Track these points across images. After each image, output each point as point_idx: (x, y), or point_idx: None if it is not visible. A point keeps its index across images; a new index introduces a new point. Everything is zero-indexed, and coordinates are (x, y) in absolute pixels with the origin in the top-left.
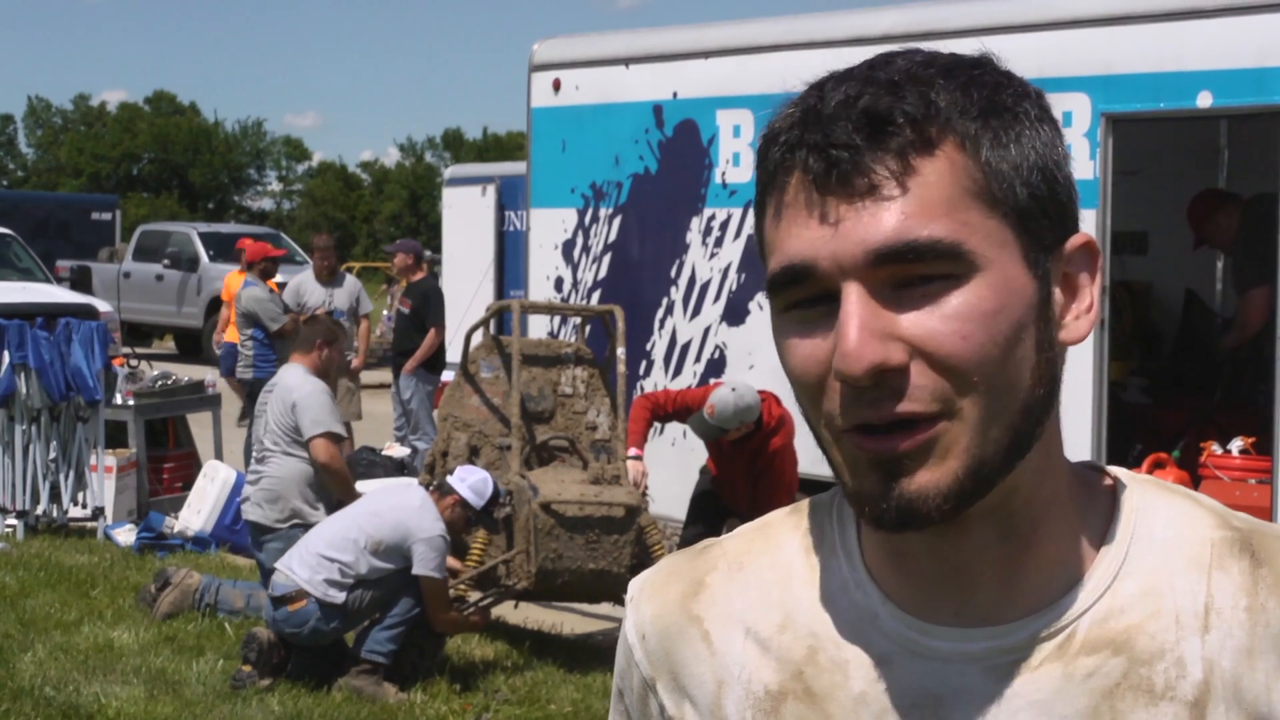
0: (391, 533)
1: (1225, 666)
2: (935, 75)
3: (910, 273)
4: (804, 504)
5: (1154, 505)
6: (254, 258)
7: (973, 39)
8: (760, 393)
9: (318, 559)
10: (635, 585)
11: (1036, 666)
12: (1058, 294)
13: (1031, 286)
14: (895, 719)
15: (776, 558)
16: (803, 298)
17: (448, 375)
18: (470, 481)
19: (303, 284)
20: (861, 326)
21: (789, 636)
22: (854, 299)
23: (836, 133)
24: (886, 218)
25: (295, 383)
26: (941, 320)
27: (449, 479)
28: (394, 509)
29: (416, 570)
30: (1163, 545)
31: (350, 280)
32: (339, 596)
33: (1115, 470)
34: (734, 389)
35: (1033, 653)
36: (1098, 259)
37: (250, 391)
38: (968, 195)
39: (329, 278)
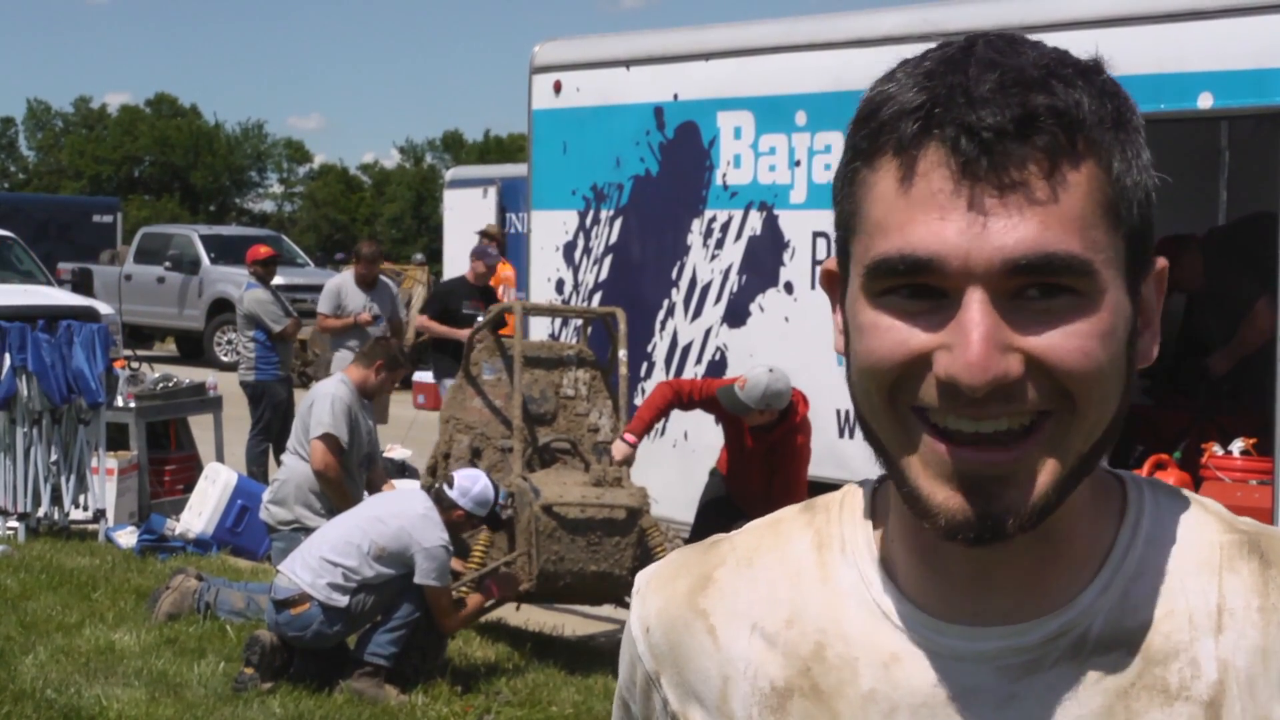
0: (393, 540)
1: (1240, 666)
2: (1074, 75)
3: (1035, 283)
4: (816, 501)
5: (1162, 508)
6: (250, 259)
7: None
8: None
9: (320, 562)
10: (643, 578)
11: (1050, 666)
12: (1138, 320)
13: (1130, 309)
14: (905, 718)
15: (786, 554)
16: (908, 286)
17: (421, 375)
18: (473, 494)
19: (343, 287)
20: (986, 336)
21: (796, 632)
22: (979, 307)
23: (990, 116)
24: (1030, 224)
25: (327, 388)
26: (1066, 337)
27: (450, 492)
28: (397, 516)
29: (419, 580)
30: (1174, 546)
31: (388, 285)
32: (342, 600)
33: (1125, 474)
34: (771, 370)
35: (1046, 653)
36: (1164, 284)
37: (252, 394)
38: (1099, 210)
39: (371, 285)
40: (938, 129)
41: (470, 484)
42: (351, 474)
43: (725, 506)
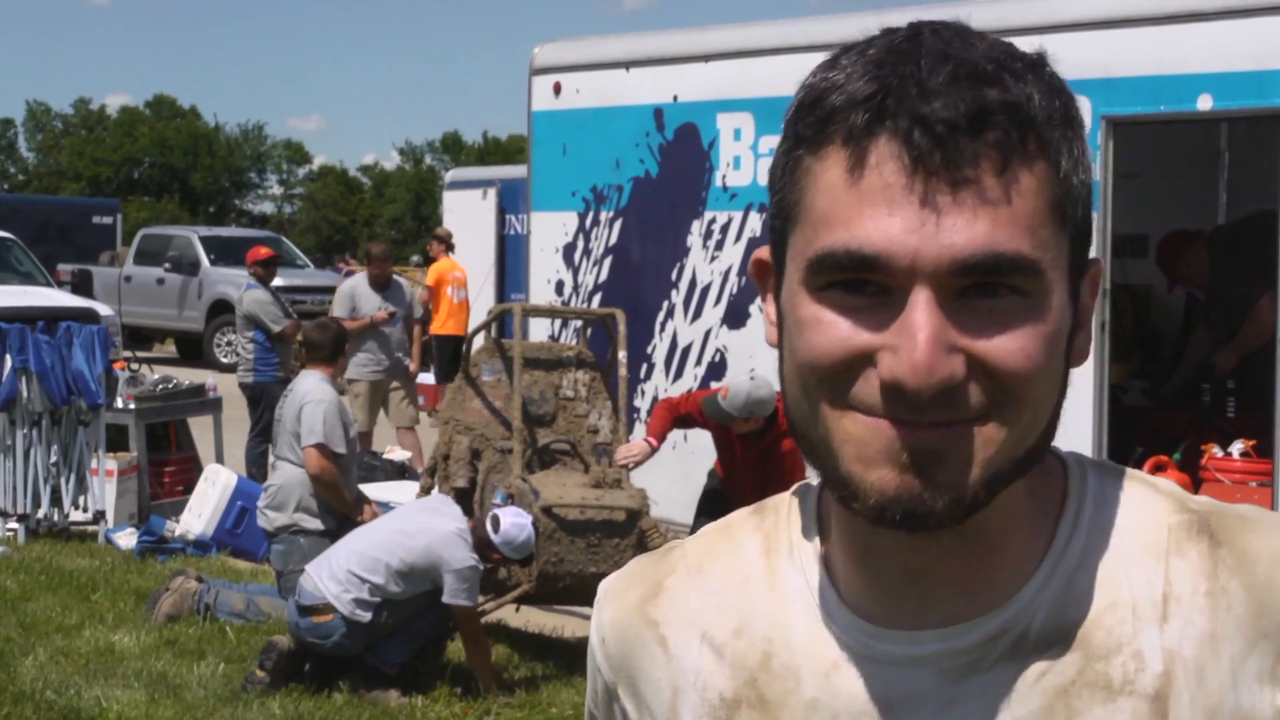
0: (422, 558)
1: (1187, 655)
2: (1024, 70)
3: (982, 283)
4: (766, 503)
5: (1108, 492)
6: (250, 260)
7: None
8: (779, 393)
9: (348, 576)
10: (602, 588)
11: (989, 668)
12: (1076, 321)
13: (1069, 310)
14: None
15: (736, 560)
16: (852, 281)
17: (425, 378)
18: (516, 544)
19: (356, 289)
20: (933, 339)
21: (744, 642)
22: (926, 308)
23: (944, 110)
24: (980, 222)
25: (307, 390)
26: (1011, 339)
27: (495, 538)
28: (425, 532)
29: (448, 599)
30: (1118, 533)
31: (402, 285)
32: (365, 616)
33: (1069, 457)
34: (752, 378)
35: (985, 654)
36: (1099, 285)
37: (251, 396)
38: (1048, 209)
39: (385, 286)
40: (890, 120)
41: (517, 534)
42: (348, 471)
43: (723, 498)
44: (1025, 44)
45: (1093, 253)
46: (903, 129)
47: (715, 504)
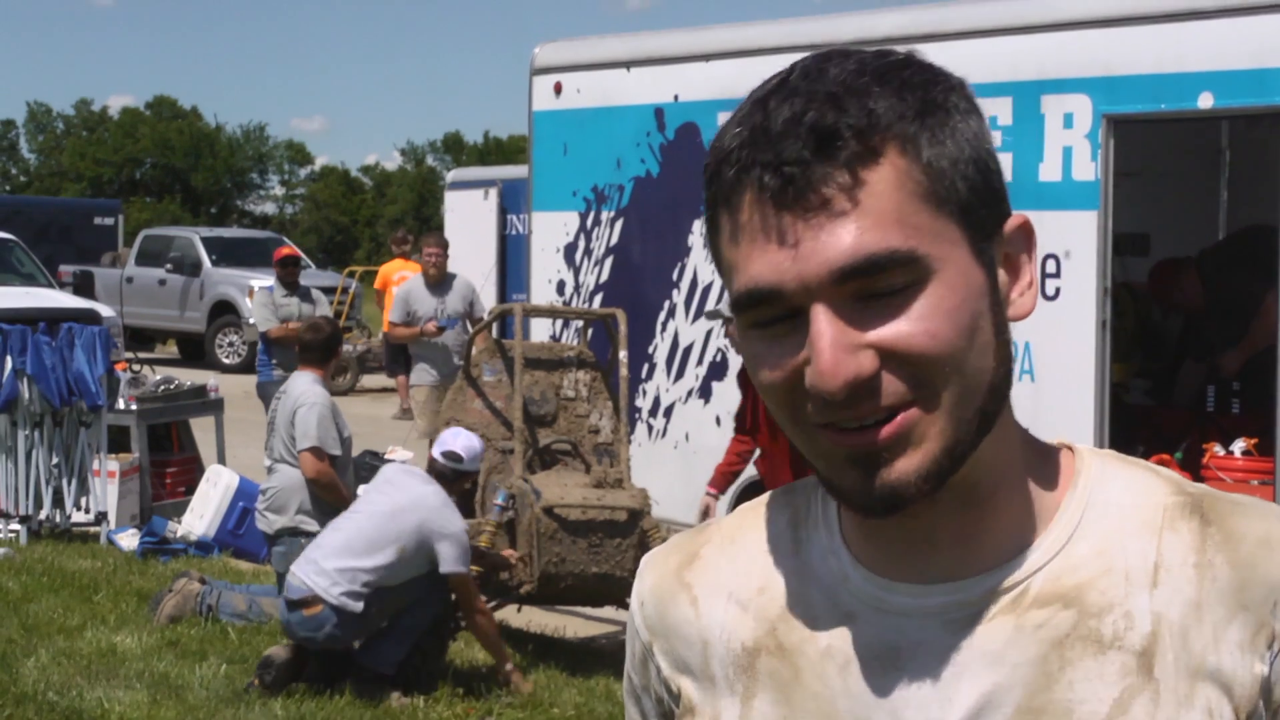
0: (415, 535)
1: (1173, 619)
2: (870, 83)
3: (872, 285)
4: (796, 484)
5: (1111, 475)
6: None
7: (975, 41)
8: None
9: (336, 568)
10: (645, 559)
11: (990, 619)
12: (1002, 276)
13: (981, 275)
14: (858, 669)
15: (766, 531)
16: (769, 317)
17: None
18: (474, 452)
19: (411, 292)
20: (833, 344)
21: (766, 598)
22: (822, 319)
23: (787, 150)
24: (843, 234)
25: (300, 393)
26: (909, 324)
27: (462, 466)
28: (414, 509)
29: (446, 569)
30: (1118, 510)
31: (462, 282)
32: (357, 606)
33: (1080, 446)
34: None
35: (987, 607)
36: (1033, 237)
37: (259, 395)
38: (915, 199)
39: (439, 281)
40: (746, 172)
41: (468, 442)
42: (344, 471)
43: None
44: (1027, 43)
45: (1092, 250)
46: (757, 177)
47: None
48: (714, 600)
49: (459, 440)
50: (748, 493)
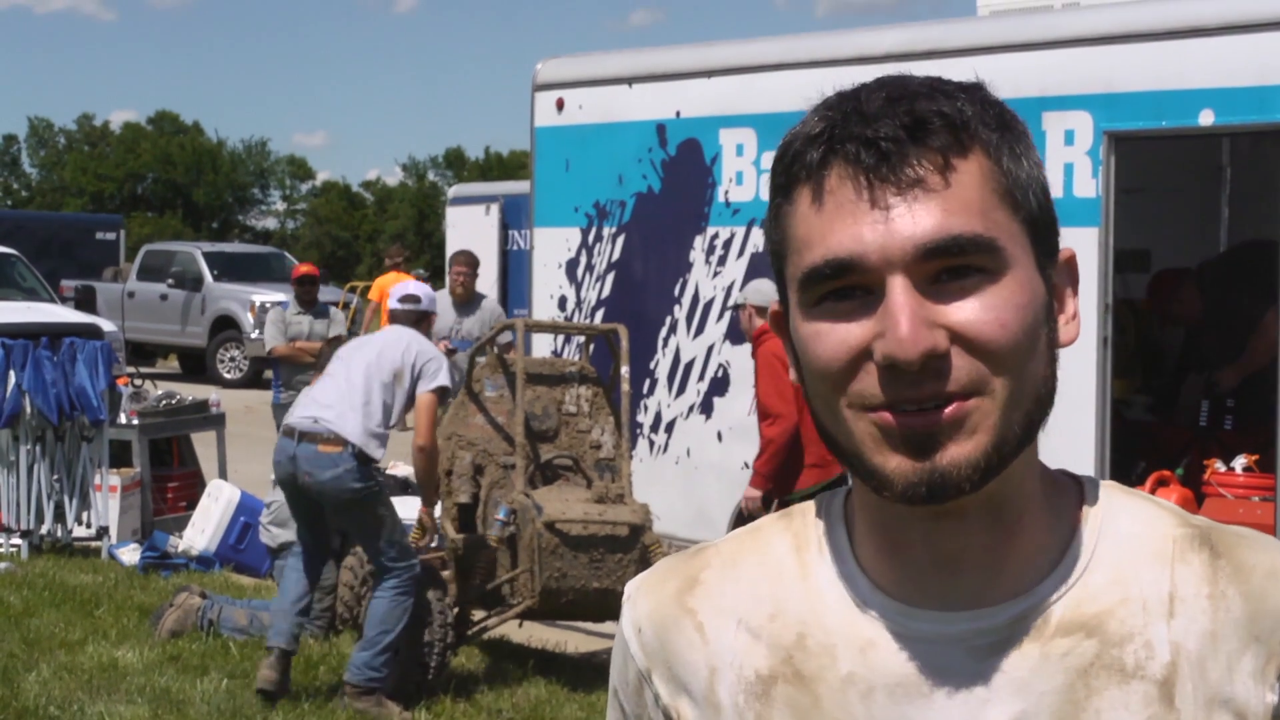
0: (409, 365)
1: (1191, 649)
2: (955, 89)
3: (949, 265)
4: (793, 509)
5: (1118, 505)
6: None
7: (976, 58)
8: None
9: (356, 409)
10: (633, 585)
11: (1015, 647)
12: (1053, 301)
13: (1042, 288)
14: (881, 697)
15: (766, 556)
16: (839, 288)
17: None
18: (428, 294)
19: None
20: (912, 315)
21: (779, 625)
22: (901, 290)
23: (883, 128)
24: (932, 212)
25: None
26: (981, 309)
27: (422, 306)
28: (396, 345)
29: (429, 386)
30: (1128, 540)
31: (489, 306)
32: (379, 452)
33: (1081, 476)
34: None
35: (1011, 634)
36: (1077, 272)
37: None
38: (995, 196)
39: (464, 300)
40: (840, 146)
41: (420, 286)
42: None
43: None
44: (1028, 59)
45: (1093, 266)
46: (852, 152)
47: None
48: (722, 626)
49: (410, 286)
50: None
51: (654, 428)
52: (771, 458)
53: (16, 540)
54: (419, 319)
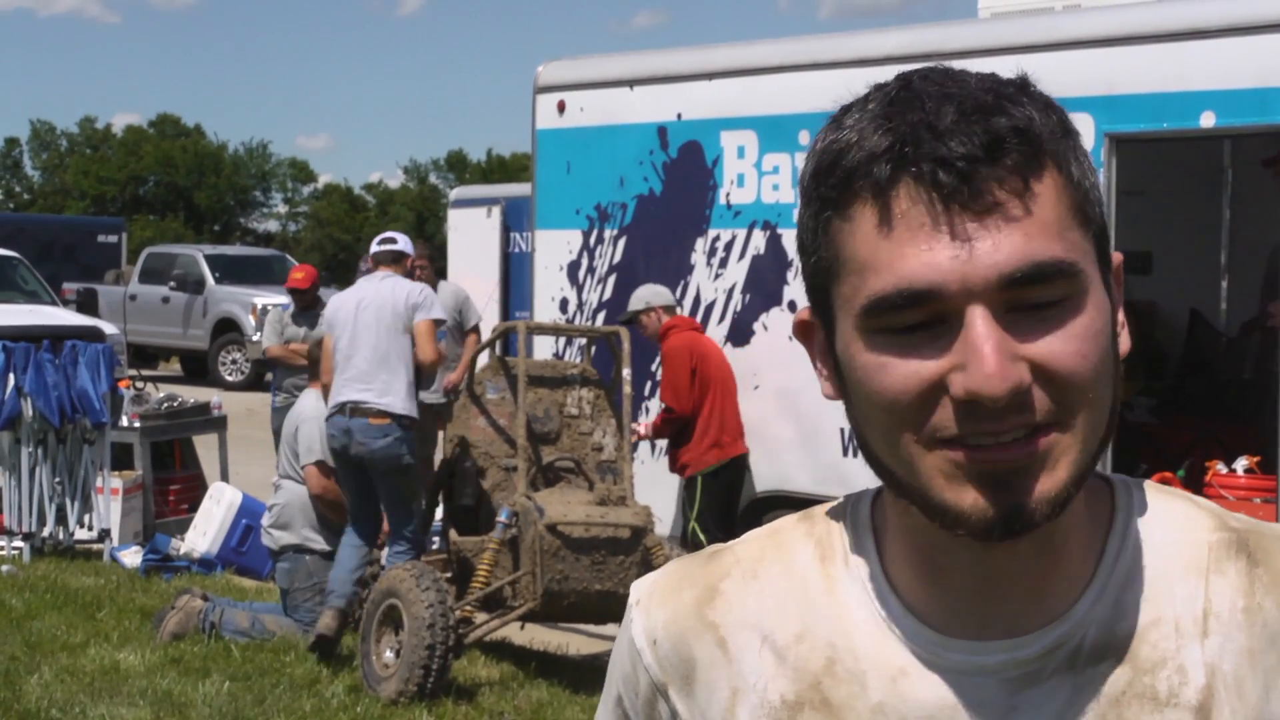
0: (403, 306)
1: (1227, 670)
2: (1018, 94)
3: (1031, 296)
4: (814, 511)
5: (1152, 509)
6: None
7: (978, 60)
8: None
9: (388, 380)
10: (641, 589)
11: (1047, 679)
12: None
13: (1108, 305)
14: None
15: (790, 567)
16: (912, 322)
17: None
18: (401, 238)
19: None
20: (998, 348)
21: (806, 647)
22: (984, 322)
23: (960, 146)
24: (1013, 238)
25: (304, 408)
26: (1064, 341)
27: (398, 246)
28: (395, 292)
29: (427, 315)
30: (1161, 549)
31: (448, 290)
32: (415, 409)
33: (1109, 475)
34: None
35: (1044, 665)
36: (1122, 277)
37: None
38: (1070, 213)
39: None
40: (913, 166)
41: (394, 232)
42: None
43: None
44: (1028, 62)
45: None
46: (926, 172)
47: None
48: (745, 644)
49: (388, 232)
50: (754, 508)
51: None
52: (659, 431)
53: (18, 543)
54: (396, 257)
